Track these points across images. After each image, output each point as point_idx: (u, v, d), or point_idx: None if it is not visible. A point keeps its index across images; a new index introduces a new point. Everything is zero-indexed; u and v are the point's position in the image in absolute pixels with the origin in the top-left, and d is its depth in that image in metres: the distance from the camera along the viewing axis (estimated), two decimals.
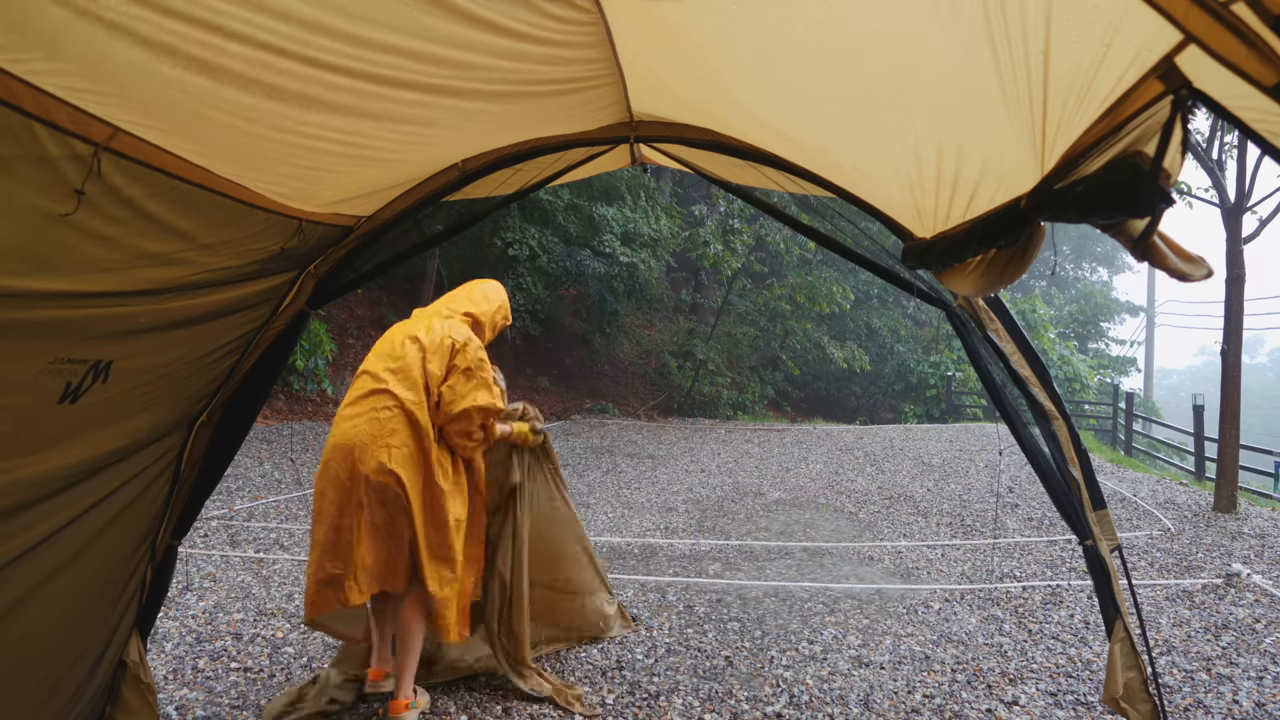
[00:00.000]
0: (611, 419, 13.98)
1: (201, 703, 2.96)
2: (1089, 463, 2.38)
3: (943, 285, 2.15)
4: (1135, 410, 15.03)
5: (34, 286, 1.40)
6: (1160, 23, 0.89)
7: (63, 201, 1.35)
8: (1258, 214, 7.42)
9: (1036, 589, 4.61)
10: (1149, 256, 1.08)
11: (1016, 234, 1.43)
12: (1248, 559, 5.32)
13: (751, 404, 17.34)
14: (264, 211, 1.90)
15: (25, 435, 1.57)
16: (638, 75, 2.05)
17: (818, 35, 1.44)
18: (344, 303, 13.18)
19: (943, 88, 1.41)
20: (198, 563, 4.70)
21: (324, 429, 9.81)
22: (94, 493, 1.90)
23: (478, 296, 3.08)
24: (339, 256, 2.50)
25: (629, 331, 17.58)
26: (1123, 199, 1.03)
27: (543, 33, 1.61)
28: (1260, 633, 3.91)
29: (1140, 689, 2.25)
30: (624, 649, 3.59)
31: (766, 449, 10.76)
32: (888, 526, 6.32)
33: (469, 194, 2.74)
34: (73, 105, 1.27)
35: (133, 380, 1.84)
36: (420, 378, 2.72)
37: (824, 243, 2.64)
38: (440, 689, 3.11)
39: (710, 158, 2.60)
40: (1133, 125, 1.03)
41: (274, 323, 2.42)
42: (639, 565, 5.03)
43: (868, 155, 2.01)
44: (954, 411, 18.24)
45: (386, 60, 1.50)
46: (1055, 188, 1.22)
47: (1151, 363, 26.58)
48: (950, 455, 10.20)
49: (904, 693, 3.20)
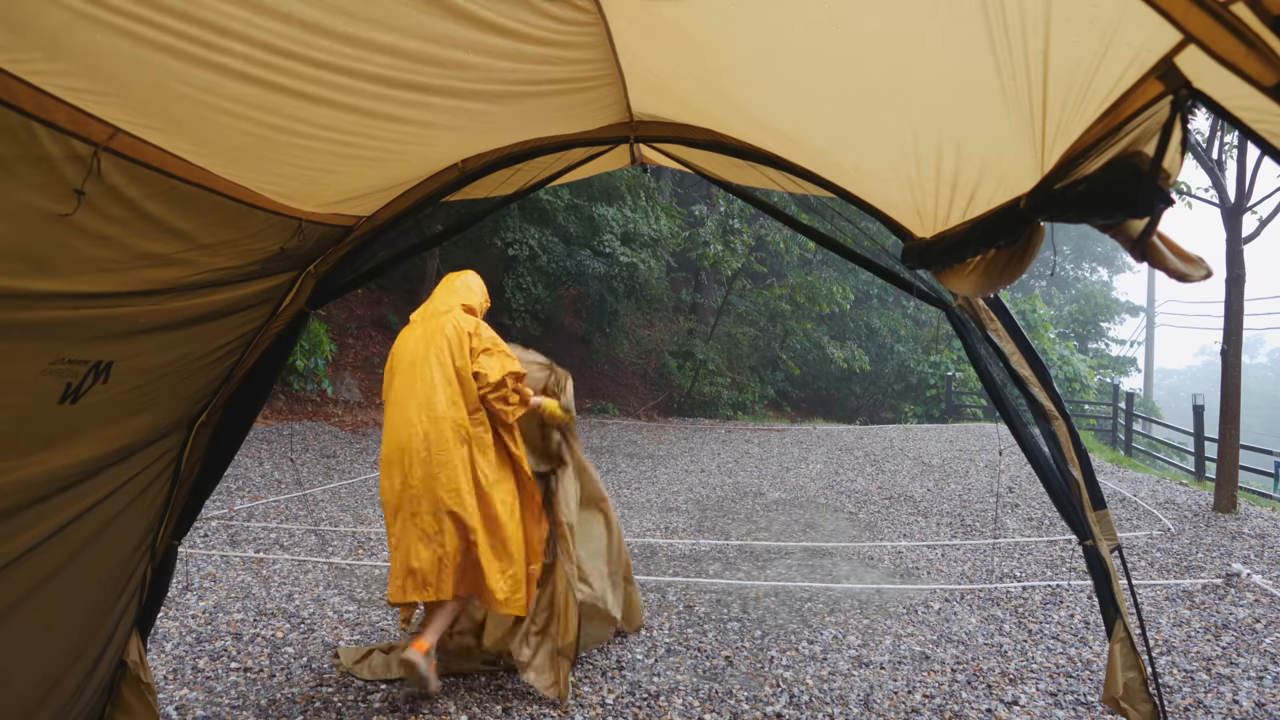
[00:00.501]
0: (611, 419, 13.98)
1: (201, 703, 2.96)
2: (1089, 463, 2.38)
3: (942, 285, 2.15)
4: (1135, 410, 15.02)
5: (34, 287, 1.40)
6: (1160, 23, 0.89)
7: (62, 201, 1.35)
8: (1258, 214, 7.42)
9: (1036, 589, 4.61)
10: (1148, 257, 1.08)
11: (1016, 234, 1.43)
12: (1248, 559, 5.32)
13: (751, 404, 17.34)
14: (264, 211, 1.90)
15: (25, 435, 1.57)
16: (637, 75, 2.05)
17: (817, 35, 1.44)
18: (344, 303, 13.17)
19: (942, 87, 1.41)
20: (198, 563, 4.70)
21: (324, 429, 9.82)
22: (94, 493, 1.90)
23: (462, 289, 3.32)
24: (339, 256, 2.50)
25: (629, 331, 17.58)
26: (1122, 199, 1.03)
27: (542, 33, 1.61)
28: (1260, 633, 3.91)
29: (1140, 689, 2.25)
30: (624, 649, 3.59)
31: (766, 449, 10.76)
32: (888, 526, 6.32)
33: (469, 194, 2.74)
34: (72, 105, 1.27)
35: (133, 380, 1.84)
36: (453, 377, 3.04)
37: (824, 243, 2.64)
38: (441, 689, 3.11)
39: (710, 158, 2.60)
40: (1132, 125, 1.03)
41: (274, 323, 2.42)
42: (639, 565, 5.03)
43: (867, 155, 2.01)
44: (954, 411, 18.24)
45: (386, 60, 1.50)
46: (1055, 188, 1.22)
47: (1151, 363, 26.57)
48: (950, 455, 10.20)
49: (904, 693, 3.20)
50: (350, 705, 2.96)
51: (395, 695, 3.05)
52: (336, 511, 6.25)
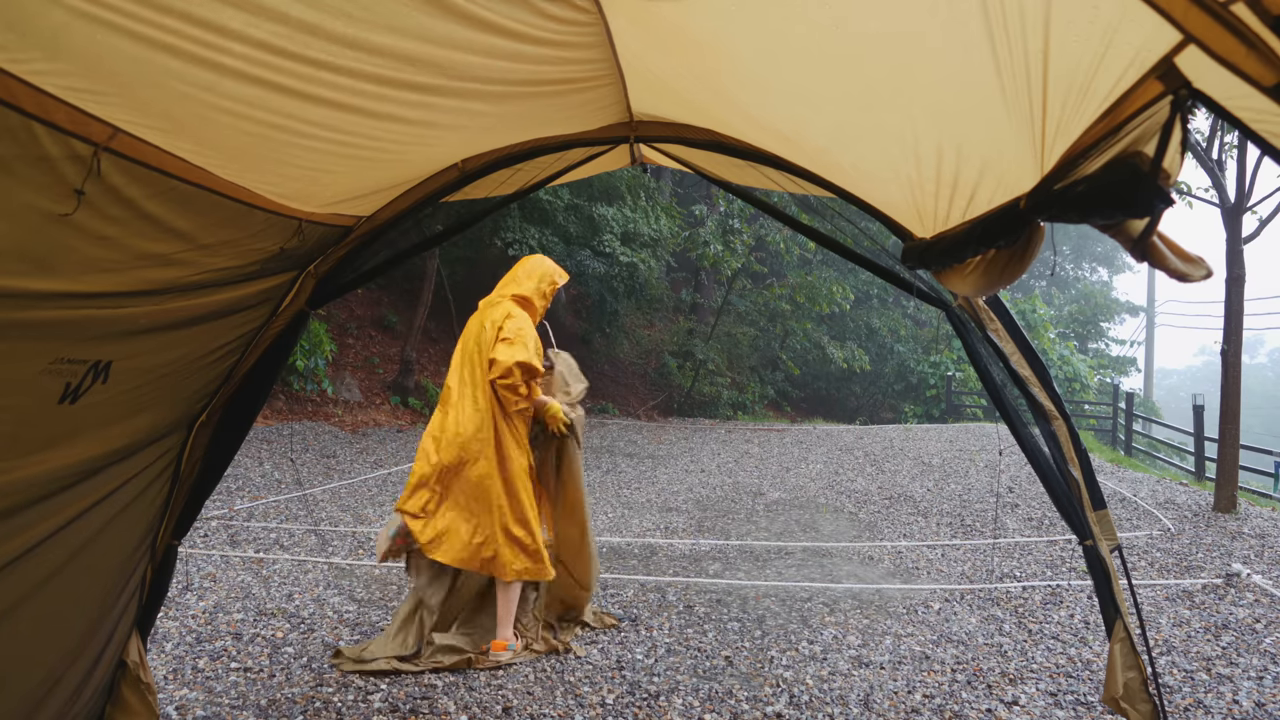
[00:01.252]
0: (611, 419, 13.98)
1: (201, 703, 2.96)
2: (1089, 463, 2.38)
3: (942, 286, 2.15)
4: (1135, 410, 15.02)
5: (34, 287, 1.40)
6: (1159, 23, 0.89)
7: (62, 201, 1.35)
8: (1258, 214, 7.42)
9: (1036, 589, 4.61)
10: (1148, 257, 1.08)
11: (1016, 234, 1.43)
12: (1248, 559, 5.32)
13: (751, 404, 17.35)
14: (263, 212, 1.90)
15: (25, 436, 1.57)
16: (637, 75, 2.05)
17: (817, 35, 1.44)
18: (344, 303, 13.18)
19: (942, 87, 1.41)
20: (198, 563, 4.70)
21: (324, 429, 9.82)
22: (94, 493, 1.90)
23: (522, 276, 3.57)
24: (339, 256, 2.50)
25: (629, 331, 17.57)
26: (1122, 199, 1.03)
27: (542, 33, 1.61)
28: (1260, 633, 3.91)
29: (1140, 689, 2.25)
30: (624, 649, 3.59)
31: (766, 449, 10.76)
32: (888, 526, 6.32)
33: (469, 194, 2.74)
34: (72, 105, 1.27)
35: (133, 380, 1.84)
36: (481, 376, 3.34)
37: (824, 243, 2.64)
38: (441, 689, 3.11)
39: (710, 158, 2.60)
40: (1132, 125, 1.03)
41: (274, 323, 2.42)
42: (639, 565, 5.03)
43: (867, 155, 2.01)
44: (954, 411, 18.24)
45: (386, 60, 1.50)
46: (1055, 188, 1.22)
47: (1151, 363, 26.57)
48: (950, 455, 10.20)
49: (904, 693, 3.20)
50: (350, 705, 2.96)
51: (396, 696, 3.05)
52: (336, 511, 6.25)
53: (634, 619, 3.97)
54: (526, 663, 3.39)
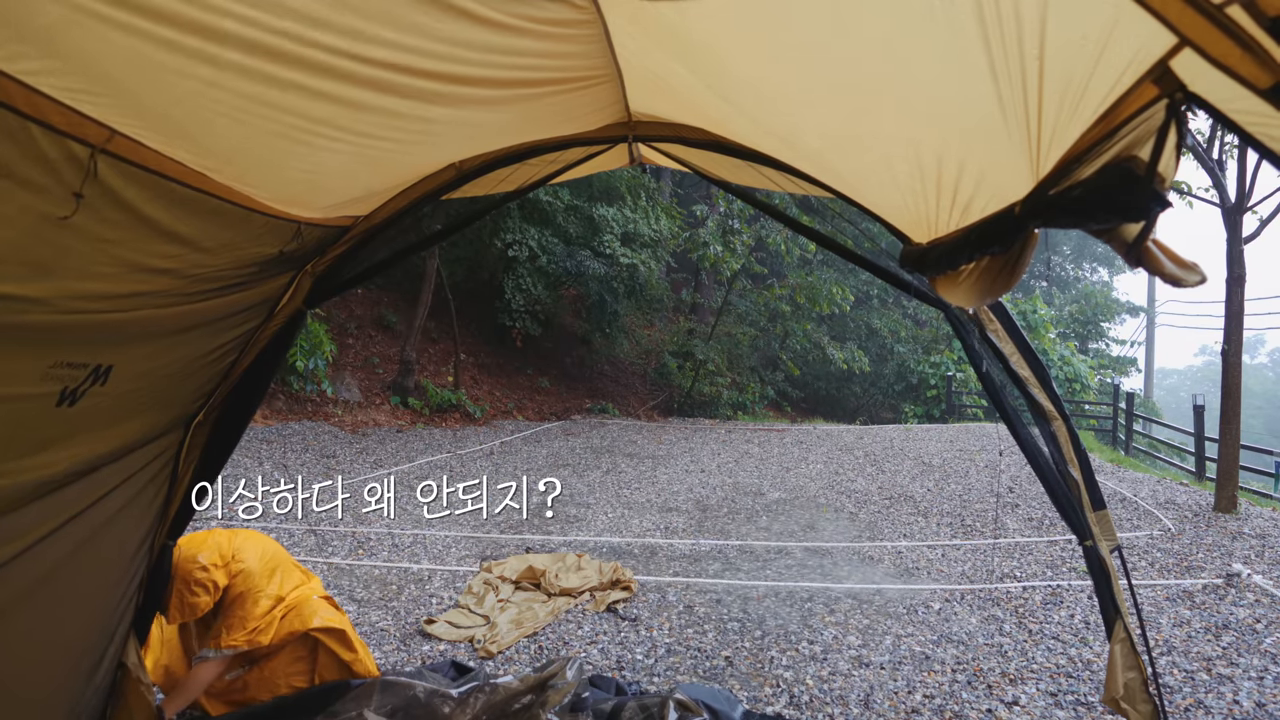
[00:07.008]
0: (611, 419, 13.98)
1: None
2: (1089, 463, 2.38)
3: (937, 295, 2.15)
4: (1135, 410, 15.00)
5: (33, 291, 1.40)
6: (1155, 26, 0.89)
7: (61, 205, 1.34)
8: (1258, 214, 7.42)
9: (1036, 589, 4.61)
10: (1143, 262, 1.07)
11: (1010, 240, 1.43)
12: (1248, 559, 5.32)
13: (751, 404, 17.34)
14: (262, 215, 1.90)
15: (22, 438, 1.57)
16: (636, 75, 2.05)
17: (816, 37, 1.44)
18: (344, 303, 13.19)
19: (938, 92, 1.41)
20: None
21: (324, 429, 9.82)
22: (91, 493, 1.90)
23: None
24: (336, 255, 2.50)
25: (629, 331, 17.58)
26: (1117, 204, 1.03)
27: (541, 32, 1.61)
28: (1261, 633, 3.91)
29: (1140, 689, 2.25)
30: (624, 649, 3.59)
31: (766, 449, 10.76)
32: (888, 527, 6.32)
33: (467, 192, 2.74)
34: (69, 107, 1.27)
35: (131, 383, 1.84)
36: None
37: (824, 243, 2.64)
38: None
39: (710, 158, 2.60)
40: (1127, 130, 1.03)
41: (271, 322, 2.42)
42: (639, 565, 5.03)
43: (864, 159, 2.01)
44: (954, 412, 18.23)
45: (385, 60, 1.50)
46: (1050, 193, 1.22)
47: (1152, 363, 26.56)
48: (950, 455, 10.19)
49: (904, 693, 3.20)
50: None
51: None
52: (336, 511, 6.26)
53: (634, 619, 3.97)
54: (526, 662, 3.39)
